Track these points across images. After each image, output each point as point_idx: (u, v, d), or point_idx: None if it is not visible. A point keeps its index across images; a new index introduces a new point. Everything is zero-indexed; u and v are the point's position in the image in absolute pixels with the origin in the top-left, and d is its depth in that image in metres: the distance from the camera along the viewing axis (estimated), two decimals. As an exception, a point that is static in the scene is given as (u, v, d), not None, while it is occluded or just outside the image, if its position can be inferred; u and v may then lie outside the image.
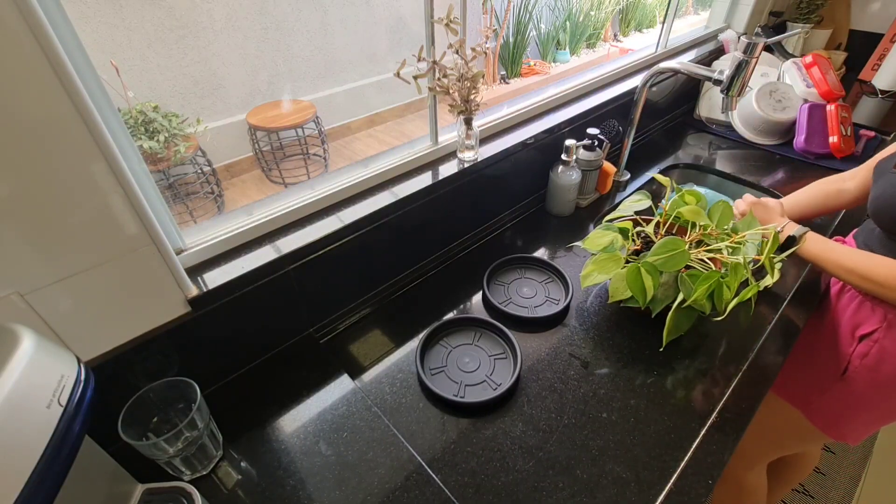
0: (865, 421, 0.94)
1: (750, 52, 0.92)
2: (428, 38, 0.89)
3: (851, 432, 0.96)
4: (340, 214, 0.87)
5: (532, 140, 1.13)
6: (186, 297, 0.70)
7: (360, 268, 0.93)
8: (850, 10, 1.98)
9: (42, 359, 0.43)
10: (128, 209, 0.59)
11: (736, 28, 1.89)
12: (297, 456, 0.71)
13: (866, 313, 0.88)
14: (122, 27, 2.57)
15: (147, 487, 0.61)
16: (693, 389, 0.81)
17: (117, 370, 0.68)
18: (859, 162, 1.41)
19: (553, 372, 0.83)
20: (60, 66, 0.48)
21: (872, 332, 0.86)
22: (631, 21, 5.62)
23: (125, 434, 0.59)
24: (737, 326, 0.92)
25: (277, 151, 3.37)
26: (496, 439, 0.74)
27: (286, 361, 0.86)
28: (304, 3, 3.21)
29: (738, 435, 0.74)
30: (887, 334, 0.84)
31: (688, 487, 0.67)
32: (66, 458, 0.42)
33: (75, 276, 0.58)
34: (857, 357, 0.88)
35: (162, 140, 2.48)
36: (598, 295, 0.99)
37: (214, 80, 3.00)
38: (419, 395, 0.80)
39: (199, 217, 2.82)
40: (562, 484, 0.68)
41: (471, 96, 0.92)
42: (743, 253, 0.81)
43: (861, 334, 0.88)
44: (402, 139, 3.83)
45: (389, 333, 0.92)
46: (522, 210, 1.24)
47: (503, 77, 4.45)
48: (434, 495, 0.66)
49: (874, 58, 1.86)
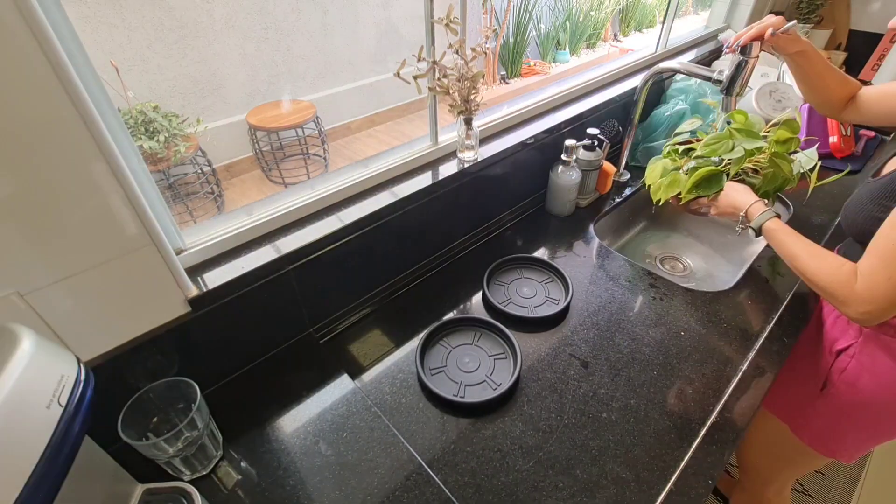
0: (855, 439, 0.92)
1: (749, 53, 0.92)
2: (428, 38, 0.89)
3: (841, 449, 0.94)
4: (340, 214, 0.87)
5: (532, 140, 1.13)
6: (186, 297, 0.70)
7: (361, 268, 0.93)
8: (850, 10, 1.98)
9: (42, 359, 0.43)
10: (128, 209, 0.59)
11: (736, 28, 1.89)
12: (296, 456, 0.71)
13: (842, 327, 0.87)
14: (122, 27, 2.57)
15: (147, 487, 0.61)
16: (693, 389, 0.81)
17: (117, 370, 0.68)
18: (860, 162, 1.41)
19: (553, 372, 0.83)
20: (60, 66, 0.48)
21: (849, 346, 0.84)
22: (631, 21, 5.62)
23: (125, 434, 0.59)
24: (737, 326, 0.92)
25: (277, 151, 3.37)
26: (496, 439, 0.74)
27: (286, 361, 0.86)
28: (304, 3, 3.21)
29: (739, 436, 0.74)
30: (863, 350, 0.82)
31: (688, 487, 0.67)
32: (66, 458, 0.42)
33: (75, 277, 0.58)
34: (836, 372, 0.87)
35: (162, 140, 2.48)
36: (598, 295, 0.99)
37: (214, 80, 3.00)
38: (419, 395, 0.80)
39: (199, 217, 2.82)
40: (562, 484, 0.68)
41: (471, 96, 0.92)
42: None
43: (838, 349, 0.86)
44: (402, 139, 3.83)
45: (389, 333, 0.92)
46: (522, 210, 1.24)
47: (503, 77, 4.45)
48: (434, 495, 0.66)
49: (874, 58, 1.86)
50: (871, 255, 0.68)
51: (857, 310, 0.69)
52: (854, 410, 0.87)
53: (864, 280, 0.68)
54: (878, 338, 0.81)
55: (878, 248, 0.67)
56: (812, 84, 0.93)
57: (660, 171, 1.03)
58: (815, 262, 0.75)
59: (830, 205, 1.24)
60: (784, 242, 0.81)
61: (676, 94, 1.44)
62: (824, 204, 1.25)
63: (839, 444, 0.94)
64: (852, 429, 0.90)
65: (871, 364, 0.82)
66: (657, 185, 1.02)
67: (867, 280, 0.67)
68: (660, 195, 1.01)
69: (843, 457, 0.95)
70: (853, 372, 0.84)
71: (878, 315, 0.67)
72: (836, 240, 0.73)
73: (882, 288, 0.65)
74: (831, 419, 0.91)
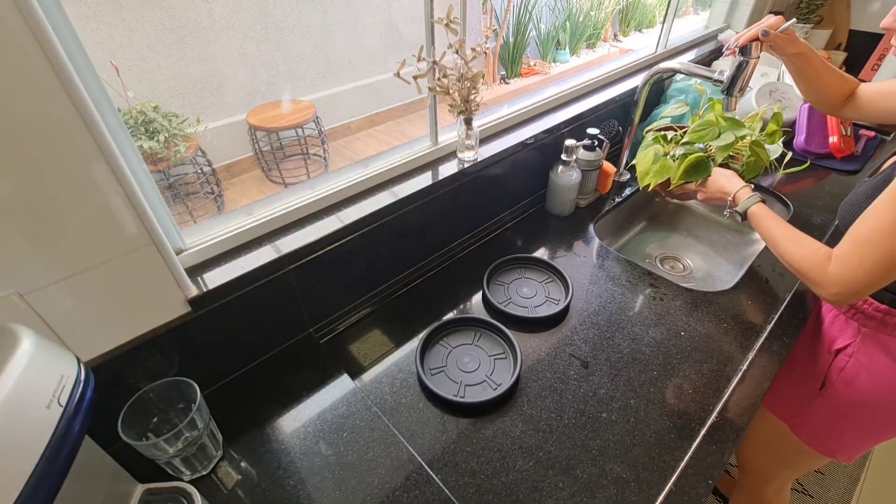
0: (853, 438, 0.92)
1: (749, 53, 0.92)
2: (428, 38, 0.89)
3: (840, 449, 0.94)
4: (340, 214, 0.87)
5: (532, 140, 1.13)
6: (186, 297, 0.70)
7: (361, 268, 0.93)
8: (850, 10, 1.98)
9: (42, 359, 0.43)
10: (128, 209, 0.59)
11: (736, 28, 1.89)
12: (296, 456, 0.71)
13: (840, 326, 0.87)
14: (122, 27, 2.57)
15: (147, 487, 0.61)
16: (693, 389, 0.81)
17: (117, 370, 0.68)
18: (860, 162, 1.41)
19: (553, 372, 0.83)
20: (60, 66, 0.48)
21: (847, 346, 0.85)
22: (631, 21, 5.63)
23: (125, 434, 0.59)
24: (737, 326, 0.92)
25: (277, 151, 3.37)
26: (496, 439, 0.74)
27: (286, 361, 0.86)
28: (304, 4, 3.21)
29: (738, 435, 0.74)
30: (861, 349, 0.83)
31: (688, 487, 0.67)
32: (66, 458, 0.42)
33: (75, 276, 0.58)
34: (834, 371, 0.87)
35: (162, 140, 2.48)
36: (598, 295, 0.99)
37: (214, 80, 3.00)
38: (419, 395, 0.80)
39: (199, 217, 2.82)
40: (562, 484, 0.68)
41: (471, 96, 0.92)
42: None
43: (836, 348, 0.87)
44: (402, 139, 3.83)
45: (389, 333, 0.92)
46: (522, 210, 1.24)
47: (503, 77, 4.45)
48: (434, 495, 0.66)
49: (874, 58, 1.86)
50: (847, 240, 0.70)
51: (829, 291, 0.71)
52: (852, 409, 0.87)
53: (836, 263, 0.70)
54: (876, 336, 0.81)
55: (853, 233, 0.69)
56: (810, 82, 0.94)
57: (651, 157, 1.04)
58: (793, 246, 0.78)
59: (830, 205, 1.24)
60: (767, 227, 0.83)
61: (676, 94, 1.44)
62: (824, 204, 1.25)
63: (837, 443, 0.94)
64: (850, 428, 0.90)
65: (869, 363, 0.82)
66: (646, 169, 1.04)
67: (839, 262, 0.70)
68: (648, 180, 1.04)
69: (841, 456, 0.95)
70: (851, 371, 0.84)
71: (847, 297, 0.70)
72: (836, 239, 0.73)
73: (852, 271, 0.68)
74: (829, 418, 0.92)
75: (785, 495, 1.18)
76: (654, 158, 1.04)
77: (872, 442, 0.93)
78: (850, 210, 0.79)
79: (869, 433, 0.91)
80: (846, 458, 0.95)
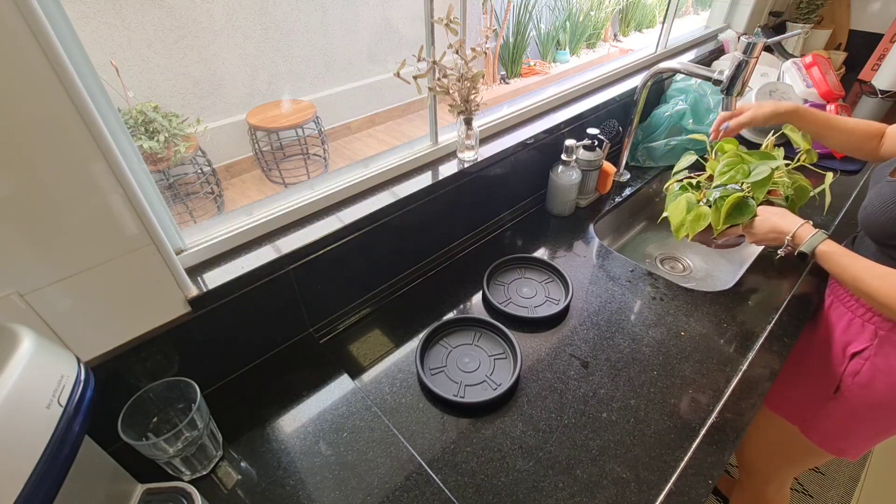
0: (863, 437, 0.92)
1: (749, 52, 0.92)
2: (428, 38, 0.89)
3: (850, 448, 0.94)
4: (340, 214, 0.87)
5: (532, 140, 1.13)
6: (186, 297, 0.70)
7: (361, 268, 0.93)
8: (850, 10, 1.98)
9: (42, 359, 0.43)
10: (128, 209, 0.59)
11: (736, 28, 1.89)
12: (296, 456, 0.71)
13: (857, 330, 0.86)
14: (122, 27, 2.57)
15: (147, 487, 0.61)
16: (693, 389, 0.81)
17: (117, 370, 0.68)
18: (859, 162, 1.41)
19: (553, 372, 0.83)
20: (60, 66, 0.48)
21: (863, 349, 0.84)
22: (631, 21, 5.63)
23: (125, 434, 0.59)
24: (737, 326, 0.92)
25: (277, 151, 3.37)
26: (496, 439, 0.74)
27: (286, 361, 0.86)
28: (304, 4, 3.21)
29: (739, 435, 0.74)
30: (878, 352, 0.82)
31: (688, 487, 0.67)
32: (66, 458, 0.42)
33: (75, 276, 0.58)
34: (850, 375, 0.86)
35: (162, 140, 2.48)
36: (598, 295, 0.99)
37: (214, 80, 3.00)
38: (419, 395, 0.80)
39: (199, 217, 2.82)
40: (562, 484, 0.68)
41: (471, 96, 0.92)
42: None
43: (852, 352, 0.86)
44: (401, 139, 3.83)
45: (389, 333, 0.92)
46: (522, 210, 1.24)
47: (503, 77, 4.45)
48: (434, 495, 0.66)
49: (874, 58, 1.86)
50: None
51: None
52: (867, 411, 0.87)
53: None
54: (893, 340, 0.80)
55: None
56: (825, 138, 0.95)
57: (683, 206, 0.97)
58: (883, 282, 0.74)
59: (831, 205, 1.23)
60: (843, 266, 0.78)
61: (676, 94, 1.43)
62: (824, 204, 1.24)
63: (848, 443, 0.94)
64: (863, 428, 0.91)
65: (886, 365, 0.82)
66: (682, 220, 0.97)
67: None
68: (685, 231, 0.96)
69: (850, 455, 0.95)
70: (867, 374, 0.84)
71: None
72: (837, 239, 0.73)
73: None
74: (843, 420, 0.91)
75: (785, 493, 1.18)
76: (688, 207, 0.97)
77: (882, 439, 0.94)
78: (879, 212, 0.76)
79: (879, 431, 0.91)
80: (853, 456, 0.95)
